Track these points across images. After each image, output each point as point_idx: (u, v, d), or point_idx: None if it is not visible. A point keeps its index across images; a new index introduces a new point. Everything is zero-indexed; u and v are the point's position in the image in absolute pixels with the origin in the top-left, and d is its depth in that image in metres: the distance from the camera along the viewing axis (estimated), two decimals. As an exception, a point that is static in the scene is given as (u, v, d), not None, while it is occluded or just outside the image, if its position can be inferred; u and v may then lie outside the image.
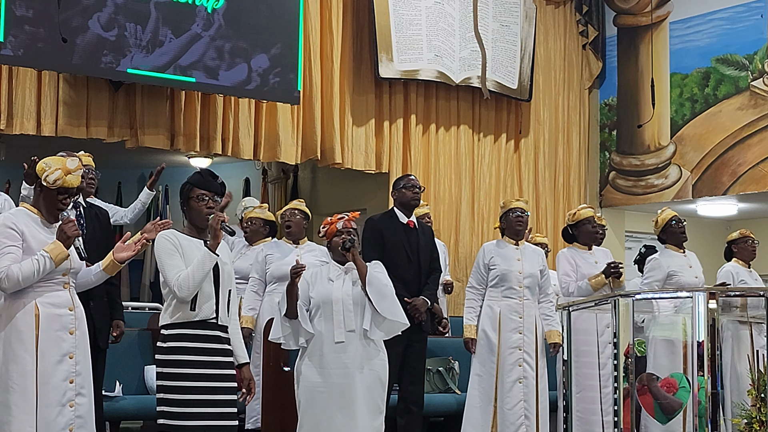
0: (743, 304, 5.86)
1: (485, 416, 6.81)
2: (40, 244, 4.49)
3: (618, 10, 11.74)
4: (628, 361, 5.26)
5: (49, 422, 4.42)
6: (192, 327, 4.73)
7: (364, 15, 9.84)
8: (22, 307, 4.46)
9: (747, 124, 10.62)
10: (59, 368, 4.47)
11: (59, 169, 4.53)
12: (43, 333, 4.45)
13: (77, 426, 4.50)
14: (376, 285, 5.34)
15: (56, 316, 4.50)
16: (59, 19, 7.79)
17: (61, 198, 4.57)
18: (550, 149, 11.26)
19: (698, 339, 4.99)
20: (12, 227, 4.48)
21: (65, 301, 4.55)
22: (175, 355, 4.71)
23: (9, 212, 4.61)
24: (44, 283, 4.49)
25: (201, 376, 4.70)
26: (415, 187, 6.72)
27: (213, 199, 4.82)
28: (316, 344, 5.36)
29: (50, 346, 4.47)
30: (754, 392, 5.19)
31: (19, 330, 4.43)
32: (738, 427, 5.17)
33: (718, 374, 4.99)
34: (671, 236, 7.43)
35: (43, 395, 4.42)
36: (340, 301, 5.34)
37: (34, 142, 8.13)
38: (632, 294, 5.50)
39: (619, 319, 5.23)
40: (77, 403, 4.52)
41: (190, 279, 4.65)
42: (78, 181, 4.62)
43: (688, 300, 5.23)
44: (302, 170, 11.87)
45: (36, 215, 4.60)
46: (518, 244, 7.10)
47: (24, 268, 4.41)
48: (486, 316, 6.92)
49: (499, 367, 6.82)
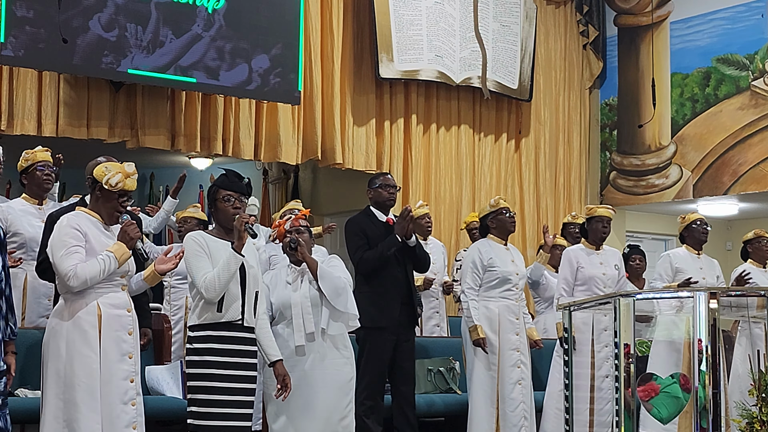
0: (760, 305, 5.84)
1: (490, 418, 6.81)
2: (101, 245, 4.58)
3: (618, 10, 11.74)
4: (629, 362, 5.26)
5: (113, 419, 4.51)
6: (219, 329, 4.80)
7: (364, 15, 9.84)
8: (84, 307, 4.54)
9: (748, 124, 10.62)
10: (120, 367, 4.57)
11: (120, 172, 4.64)
12: (105, 333, 4.55)
13: (139, 424, 4.61)
14: (328, 278, 5.31)
15: (116, 317, 4.60)
16: (60, 20, 7.79)
17: (121, 201, 4.67)
18: (551, 149, 11.27)
19: (698, 339, 4.99)
20: (76, 228, 4.57)
21: (124, 302, 4.65)
22: (203, 356, 4.78)
23: (70, 214, 4.68)
24: (105, 285, 4.58)
25: (227, 377, 4.78)
26: (391, 187, 6.57)
27: (239, 200, 4.89)
28: (283, 349, 5.30)
29: (112, 345, 4.56)
30: (755, 392, 5.18)
31: (83, 329, 4.52)
32: (739, 427, 5.16)
33: (719, 374, 4.99)
34: (691, 235, 7.48)
35: (106, 394, 4.51)
36: (298, 305, 5.32)
37: (35, 143, 8.14)
38: (632, 294, 5.49)
39: (620, 319, 5.22)
40: (137, 402, 4.62)
41: (216, 280, 4.72)
42: (134, 185, 4.73)
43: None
44: (303, 170, 11.87)
45: (95, 218, 4.68)
46: (506, 244, 7.08)
47: (90, 267, 4.50)
48: (484, 317, 6.87)
49: (500, 369, 6.82)
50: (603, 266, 7.29)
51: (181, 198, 8.82)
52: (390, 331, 6.37)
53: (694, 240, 7.50)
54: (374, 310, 6.31)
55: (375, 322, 6.31)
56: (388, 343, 6.37)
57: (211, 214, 5.06)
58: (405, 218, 6.34)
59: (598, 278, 7.23)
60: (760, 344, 6.81)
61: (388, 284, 6.39)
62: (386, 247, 6.35)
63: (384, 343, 6.34)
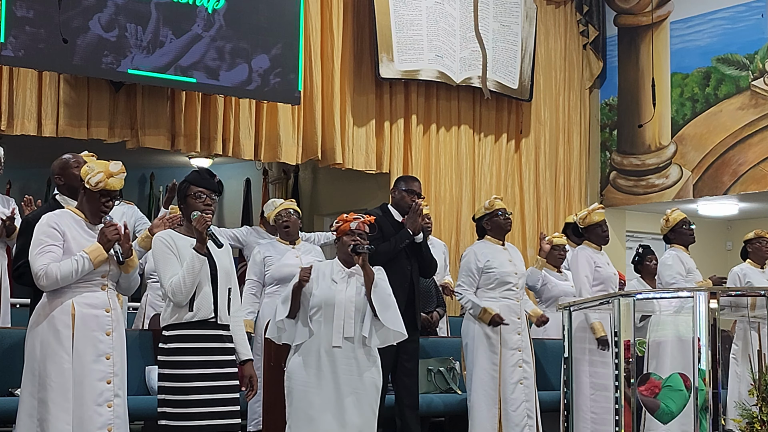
0: (753, 305, 5.85)
1: (491, 418, 6.81)
2: (80, 246, 4.55)
3: (618, 10, 11.74)
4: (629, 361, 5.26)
5: (85, 421, 4.47)
6: (191, 327, 4.76)
7: (364, 15, 9.84)
8: (59, 306, 4.52)
9: (748, 124, 10.62)
10: (95, 368, 4.53)
11: (101, 172, 4.62)
12: (78, 332, 4.52)
13: (116, 426, 4.56)
14: (380, 294, 5.32)
15: (93, 317, 4.57)
16: (60, 20, 7.79)
17: (103, 200, 4.64)
18: (551, 149, 11.27)
19: (698, 339, 4.99)
20: (54, 227, 4.55)
21: (102, 302, 4.61)
22: (176, 356, 4.74)
23: (53, 213, 4.67)
24: (82, 284, 4.55)
25: (202, 376, 4.73)
26: (416, 195, 6.60)
27: (210, 197, 4.86)
28: (313, 344, 5.34)
29: (86, 345, 4.53)
30: (755, 392, 5.19)
31: (57, 329, 4.50)
32: (739, 427, 5.17)
33: (719, 374, 5.00)
34: (679, 237, 7.47)
35: (78, 394, 4.48)
36: (342, 306, 5.31)
37: (34, 143, 8.15)
38: (633, 294, 5.49)
39: (620, 318, 5.23)
40: (115, 403, 4.57)
41: (182, 284, 4.70)
42: (121, 185, 4.71)
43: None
44: (303, 170, 11.88)
45: (80, 218, 4.66)
46: (503, 244, 7.07)
47: (63, 267, 4.48)
48: None
49: (502, 369, 6.82)
50: (610, 266, 7.35)
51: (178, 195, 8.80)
52: None
53: (683, 241, 7.51)
54: None
55: None
56: (390, 345, 6.37)
57: (181, 211, 5.03)
58: (416, 212, 6.39)
59: (610, 279, 7.30)
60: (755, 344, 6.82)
61: (396, 283, 6.40)
62: (399, 240, 6.42)
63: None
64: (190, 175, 4.94)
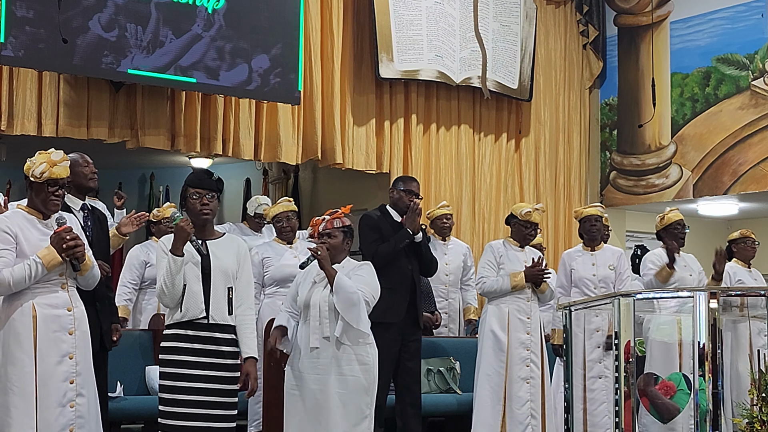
0: (742, 304, 5.86)
1: (495, 415, 6.82)
2: (33, 247, 4.49)
3: (618, 10, 11.74)
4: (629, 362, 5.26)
5: (50, 423, 4.42)
6: (183, 327, 4.80)
7: (364, 15, 9.84)
8: (19, 309, 4.47)
9: (748, 124, 10.62)
10: (59, 369, 4.48)
11: (44, 162, 4.55)
12: (41, 334, 4.46)
13: (77, 426, 4.51)
14: (342, 292, 5.27)
15: (54, 317, 4.52)
16: (60, 20, 7.79)
17: (52, 190, 4.58)
18: (551, 149, 11.26)
19: (699, 339, 4.98)
20: (6, 230, 4.49)
21: (63, 301, 4.56)
22: (171, 355, 4.79)
23: (3, 214, 4.61)
24: (41, 285, 4.50)
25: (193, 376, 4.75)
26: (414, 195, 6.64)
27: (205, 197, 4.88)
28: (297, 347, 5.36)
29: (49, 346, 4.48)
30: (754, 392, 5.18)
31: (17, 332, 4.44)
32: (739, 427, 5.16)
33: (719, 374, 4.99)
34: (671, 237, 7.44)
35: (43, 396, 4.42)
36: (317, 306, 5.31)
37: (34, 143, 8.14)
38: (633, 294, 5.49)
39: (620, 318, 5.23)
40: (78, 403, 4.53)
41: (162, 286, 4.76)
42: (66, 172, 4.62)
43: (689, 300, 5.23)
44: (303, 170, 11.87)
45: (32, 216, 4.60)
46: (523, 248, 7.14)
47: (15, 272, 4.43)
48: (493, 315, 6.93)
49: (509, 367, 6.84)
50: (595, 267, 7.30)
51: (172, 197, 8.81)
52: (395, 330, 6.39)
53: (674, 242, 7.49)
54: (381, 306, 6.34)
55: (381, 318, 6.33)
56: (394, 342, 6.38)
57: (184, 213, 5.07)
58: (414, 212, 6.42)
59: (588, 279, 7.28)
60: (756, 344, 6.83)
61: (397, 281, 6.43)
62: (398, 240, 6.45)
63: (389, 342, 6.34)
64: (188, 176, 4.99)
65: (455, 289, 8.43)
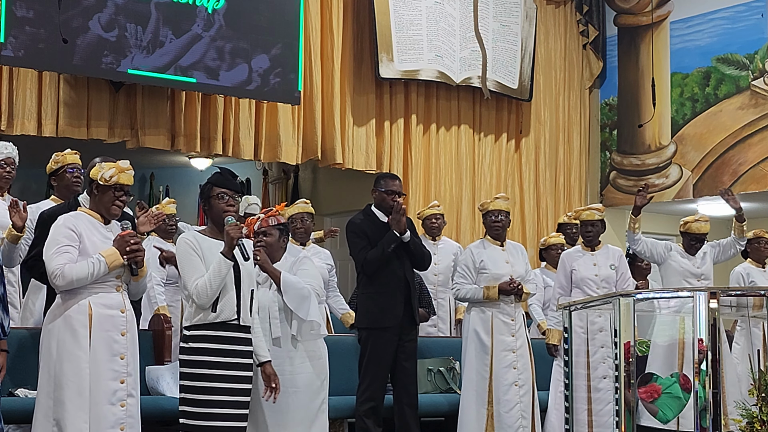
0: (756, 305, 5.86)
1: (480, 418, 6.78)
2: (95, 248, 4.60)
3: (618, 10, 11.75)
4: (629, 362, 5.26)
5: (101, 419, 4.50)
6: (214, 328, 4.79)
7: (364, 15, 9.84)
8: (75, 306, 4.56)
9: (747, 124, 10.62)
10: (110, 367, 4.57)
11: (114, 168, 4.69)
12: (95, 332, 4.55)
13: (128, 426, 4.59)
14: (291, 290, 5.26)
15: (109, 317, 4.60)
16: (60, 20, 7.79)
17: (117, 195, 4.70)
18: (551, 149, 11.27)
19: (699, 338, 4.98)
20: (71, 228, 4.60)
21: (117, 303, 4.65)
22: (198, 356, 4.77)
23: (69, 214, 4.71)
24: (98, 285, 4.60)
25: (222, 377, 4.76)
26: (395, 194, 6.45)
27: (233, 198, 4.89)
28: None
29: (102, 345, 4.57)
30: (755, 392, 5.18)
31: (74, 328, 4.53)
32: (739, 427, 5.16)
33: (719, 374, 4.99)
34: (684, 240, 7.56)
35: (95, 393, 4.51)
36: (266, 308, 5.28)
37: (34, 143, 8.14)
38: (633, 294, 5.49)
39: (620, 318, 5.22)
40: (128, 403, 4.61)
41: (207, 287, 4.73)
42: (131, 181, 4.76)
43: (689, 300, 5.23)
44: (303, 170, 11.87)
45: (95, 219, 4.71)
46: (503, 244, 7.02)
47: (79, 268, 4.52)
48: (477, 317, 6.85)
49: (493, 370, 6.79)
50: (596, 267, 7.28)
51: (180, 199, 8.82)
52: (392, 332, 6.37)
53: (686, 244, 7.58)
54: (377, 310, 6.32)
55: (378, 322, 6.31)
56: (390, 343, 6.36)
57: (204, 213, 5.05)
58: (399, 212, 6.33)
59: (590, 279, 7.23)
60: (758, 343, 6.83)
61: (391, 284, 6.38)
62: (386, 244, 6.34)
63: (386, 343, 6.33)
64: (213, 176, 4.96)
65: (444, 289, 8.37)
